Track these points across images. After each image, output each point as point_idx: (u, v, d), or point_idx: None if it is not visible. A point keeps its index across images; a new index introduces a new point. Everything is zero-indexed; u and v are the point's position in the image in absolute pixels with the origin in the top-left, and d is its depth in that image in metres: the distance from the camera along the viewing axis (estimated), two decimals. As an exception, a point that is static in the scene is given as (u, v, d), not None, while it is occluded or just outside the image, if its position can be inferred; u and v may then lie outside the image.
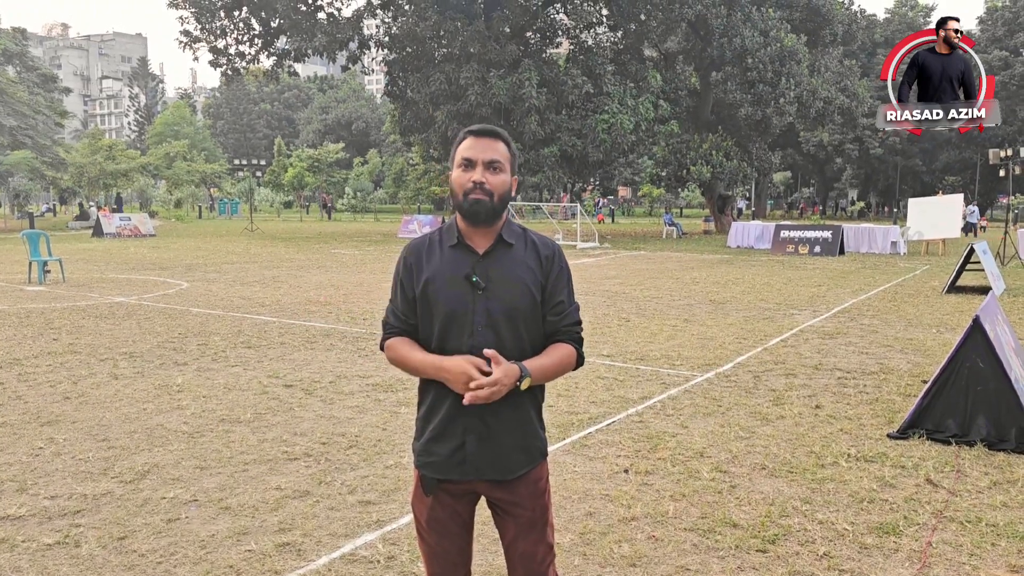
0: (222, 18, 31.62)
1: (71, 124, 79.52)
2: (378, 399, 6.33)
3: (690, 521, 4.00)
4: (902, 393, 6.63)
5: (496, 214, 2.14)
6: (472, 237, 2.17)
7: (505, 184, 2.15)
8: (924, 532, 3.89)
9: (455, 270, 2.13)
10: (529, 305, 2.14)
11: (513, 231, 2.21)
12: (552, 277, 2.19)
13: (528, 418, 2.22)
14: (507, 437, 2.17)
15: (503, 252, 2.16)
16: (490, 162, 2.12)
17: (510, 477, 2.20)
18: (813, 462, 4.89)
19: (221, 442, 5.20)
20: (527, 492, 2.23)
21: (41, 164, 43.81)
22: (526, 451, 2.22)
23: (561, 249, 2.27)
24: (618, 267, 18.85)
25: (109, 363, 7.61)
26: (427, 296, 2.15)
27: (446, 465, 2.18)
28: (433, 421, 2.20)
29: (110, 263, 18.83)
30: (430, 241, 2.22)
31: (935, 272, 17.63)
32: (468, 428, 2.14)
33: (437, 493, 2.22)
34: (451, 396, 2.13)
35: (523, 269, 2.16)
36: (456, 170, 2.15)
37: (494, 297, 2.11)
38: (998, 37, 54.24)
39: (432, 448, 2.20)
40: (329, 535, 3.82)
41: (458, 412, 2.13)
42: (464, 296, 2.11)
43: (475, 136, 2.15)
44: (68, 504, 4.16)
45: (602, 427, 5.61)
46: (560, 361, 2.19)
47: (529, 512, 2.24)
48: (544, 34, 31.94)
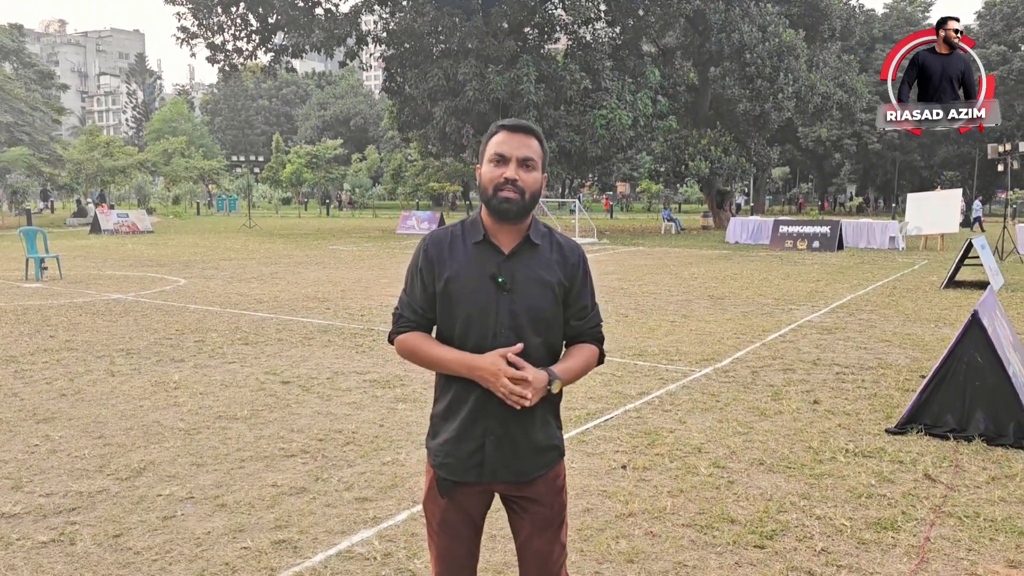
0: (219, 14, 31.51)
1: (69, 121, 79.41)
2: (375, 395, 6.32)
3: (688, 517, 3.99)
4: (900, 388, 6.63)
5: (526, 212, 2.08)
6: (497, 235, 2.10)
7: (537, 182, 2.09)
8: (922, 527, 3.88)
9: (480, 268, 2.07)
10: (552, 307, 2.11)
11: (539, 231, 2.15)
12: (578, 282, 2.17)
13: (547, 420, 2.19)
14: (526, 440, 2.13)
15: (529, 252, 2.11)
16: (524, 159, 2.06)
17: (526, 480, 2.17)
18: (811, 457, 4.88)
19: (218, 439, 5.19)
20: (546, 490, 2.21)
21: (38, 161, 43.70)
22: (544, 453, 2.19)
23: (583, 252, 2.23)
24: (616, 263, 18.83)
25: (106, 360, 7.59)
26: (449, 293, 2.08)
27: (463, 467, 2.13)
28: (452, 421, 2.14)
29: (107, 260, 18.80)
30: (452, 235, 2.15)
31: (933, 267, 17.63)
32: (488, 430, 2.10)
33: (453, 497, 2.17)
34: (473, 397, 2.08)
35: (548, 271, 2.11)
36: (487, 165, 2.08)
37: (519, 298, 2.06)
38: (996, 32, 54.19)
39: (450, 449, 2.14)
40: (325, 532, 3.80)
41: (479, 414, 2.09)
42: (488, 296, 2.05)
43: (509, 131, 2.07)
44: (63, 501, 4.14)
45: (600, 423, 5.60)
46: (585, 362, 2.19)
47: (547, 510, 2.22)
48: (542, 30, 31.86)
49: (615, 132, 28.67)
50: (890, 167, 58.41)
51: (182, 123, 75.66)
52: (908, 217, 23.75)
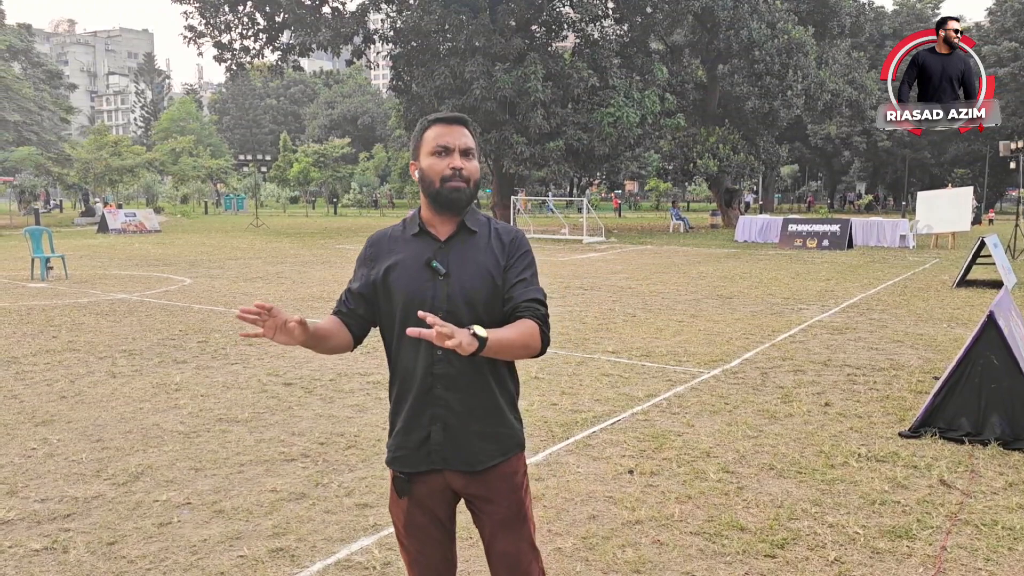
0: (226, 13, 31.49)
1: (78, 120, 79.71)
2: (379, 397, 6.23)
3: (696, 524, 3.88)
4: (913, 390, 6.49)
5: (471, 200, 2.12)
6: (435, 225, 2.14)
7: (478, 171, 2.14)
8: (938, 536, 3.77)
9: (417, 257, 2.11)
10: (490, 291, 2.09)
11: (477, 219, 2.17)
12: (514, 259, 2.13)
13: (497, 406, 2.14)
14: (474, 425, 2.10)
15: (465, 238, 2.13)
16: (465, 149, 2.10)
17: (479, 468, 2.12)
18: (823, 462, 4.76)
19: (217, 442, 5.11)
20: (501, 486, 2.15)
21: (46, 160, 43.82)
22: (496, 440, 2.14)
23: (524, 235, 2.20)
24: (624, 262, 18.70)
25: (108, 361, 7.53)
26: (388, 283, 2.12)
27: (414, 457, 2.12)
28: (399, 413, 2.15)
29: (114, 259, 18.78)
30: (392, 231, 2.21)
31: (945, 266, 17.44)
32: (434, 417, 2.09)
33: (411, 494, 2.15)
34: (415, 386, 2.09)
35: (485, 255, 2.11)
36: (429, 158, 2.10)
37: (455, 283, 2.07)
38: (1008, 28, 53.75)
39: (400, 441, 2.15)
40: (324, 540, 3.71)
41: (425, 401, 2.09)
42: (424, 282, 2.07)
43: (446, 123, 2.12)
44: (58, 507, 4.07)
45: (606, 426, 5.50)
46: (521, 333, 1.99)
47: (504, 509, 2.15)
48: (549, 27, 31.71)
49: (623, 130, 28.51)
50: (900, 165, 58.01)
51: (190, 122, 75.69)
52: (919, 215, 23.53)
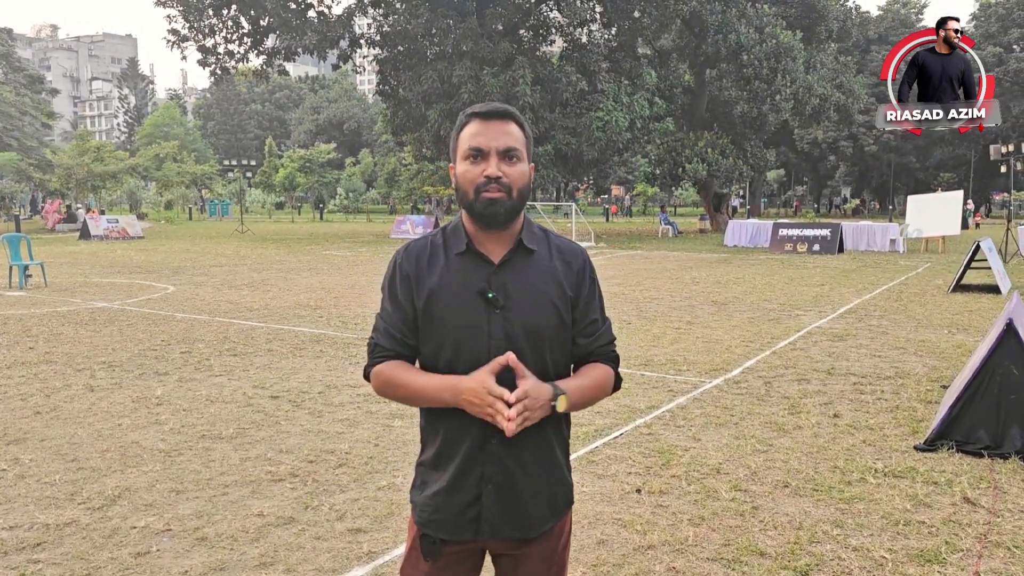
0: (210, 16, 31.12)
1: (60, 126, 78.83)
2: (370, 411, 5.96)
3: (712, 549, 3.65)
4: (923, 400, 6.29)
5: (516, 213, 1.74)
6: (484, 243, 1.76)
7: (524, 175, 1.74)
8: (970, 559, 3.55)
9: (465, 283, 1.73)
10: (556, 324, 1.76)
11: (534, 234, 1.81)
12: (584, 293, 1.81)
13: (556, 461, 1.84)
14: (532, 487, 1.78)
15: (523, 261, 1.76)
16: (506, 150, 1.71)
17: (533, 535, 1.80)
18: (839, 479, 4.54)
19: (200, 461, 4.82)
20: (548, 546, 1.85)
21: (27, 166, 43.20)
22: (551, 502, 1.83)
23: (588, 256, 1.89)
24: (615, 267, 18.49)
25: (86, 373, 7.22)
26: (431, 314, 1.74)
27: (456, 523, 1.78)
28: (443, 470, 1.79)
29: (95, 266, 18.38)
30: (431, 245, 1.80)
31: (937, 270, 17.34)
32: (486, 477, 1.75)
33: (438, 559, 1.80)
34: (468, 439, 1.74)
35: (548, 281, 1.76)
36: (462, 163, 1.73)
37: (514, 315, 1.72)
38: (992, 33, 54.14)
39: (440, 503, 1.79)
40: (315, 570, 3.45)
41: (476, 458, 1.74)
42: (478, 315, 1.71)
43: (483, 119, 1.72)
44: (28, 536, 3.78)
45: (609, 440, 5.26)
46: (597, 383, 1.80)
47: (546, 568, 1.86)
48: (537, 32, 31.57)
49: (611, 134, 28.37)
50: (886, 169, 58.23)
51: (174, 128, 75.04)
52: (909, 219, 23.50)
